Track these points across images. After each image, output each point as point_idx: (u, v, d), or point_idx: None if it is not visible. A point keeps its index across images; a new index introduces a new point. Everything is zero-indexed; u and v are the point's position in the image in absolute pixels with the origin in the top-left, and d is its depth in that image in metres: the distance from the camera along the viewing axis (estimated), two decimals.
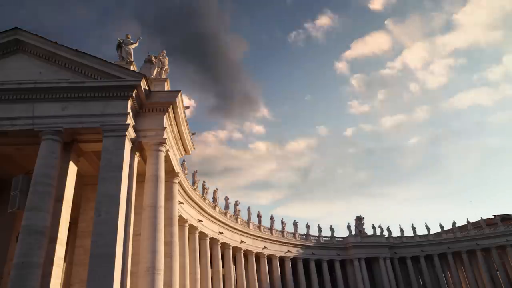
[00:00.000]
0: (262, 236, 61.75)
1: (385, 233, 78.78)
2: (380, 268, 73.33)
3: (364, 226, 78.03)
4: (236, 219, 56.34)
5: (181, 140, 26.64)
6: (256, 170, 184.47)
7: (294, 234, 70.19)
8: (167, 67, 25.14)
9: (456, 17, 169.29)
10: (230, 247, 52.69)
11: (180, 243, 33.14)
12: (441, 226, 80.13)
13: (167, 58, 25.33)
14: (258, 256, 60.02)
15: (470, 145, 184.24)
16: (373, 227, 78.60)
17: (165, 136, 21.98)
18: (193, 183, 44.02)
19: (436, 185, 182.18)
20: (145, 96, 21.50)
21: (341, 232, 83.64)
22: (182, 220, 37.07)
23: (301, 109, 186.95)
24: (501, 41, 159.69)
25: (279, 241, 65.55)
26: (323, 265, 70.93)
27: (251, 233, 59.00)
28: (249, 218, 60.82)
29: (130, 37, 23.45)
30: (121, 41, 23.02)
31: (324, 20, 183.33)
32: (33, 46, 21.24)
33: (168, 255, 22.49)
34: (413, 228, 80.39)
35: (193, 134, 27.88)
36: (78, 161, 21.67)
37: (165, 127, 22.14)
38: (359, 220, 78.74)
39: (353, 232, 76.81)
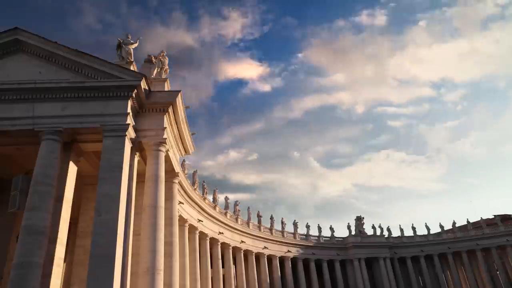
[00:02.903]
0: (262, 236, 61.74)
1: (385, 233, 78.78)
2: (380, 268, 73.30)
3: (364, 226, 78.03)
4: (236, 219, 56.32)
5: (181, 140, 26.63)
6: None
7: (294, 234, 70.16)
8: (167, 67, 25.15)
9: None
10: (230, 247, 52.67)
11: (180, 243, 33.12)
12: (441, 226, 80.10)
13: (167, 58, 25.34)
14: (258, 256, 60.00)
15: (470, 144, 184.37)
16: (373, 227, 78.66)
17: (165, 136, 21.98)
18: (193, 183, 44.02)
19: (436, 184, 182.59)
20: (145, 96, 21.50)
21: (341, 232, 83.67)
22: (182, 220, 37.05)
23: None
24: None
25: (279, 241, 65.53)
26: (323, 265, 70.90)
27: (251, 233, 58.98)
28: (249, 218, 60.81)
29: (130, 37, 23.43)
30: (121, 41, 22.99)
31: None
32: (33, 46, 21.24)
33: (168, 255, 22.49)
34: (413, 228, 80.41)
35: (193, 134, 27.88)
36: (78, 161, 21.67)
37: (165, 127, 22.14)
38: (359, 220, 78.71)
39: (353, 232, 76.78)
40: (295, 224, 71.48)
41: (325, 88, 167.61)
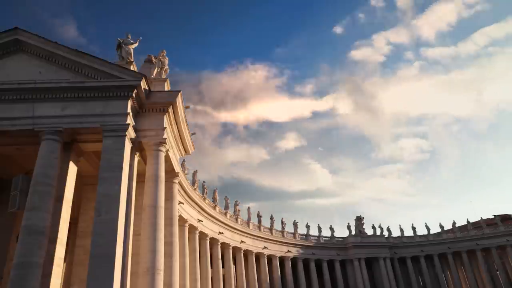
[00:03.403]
0: (262, 236, 61.73)
1: (385, 233, 78.76)
2: (380, 268, 73.30)
3: (364, 226, 78.03)
4: (236, 219, 56.32)
5: (181, 140, 26.62)
6: None
7: (294, 234, 70.14)
8: (167, 67, 25.13)
9: None
10: (230, 247, 52.67)
11: (180, 243, 33.12)
12: (441, 226, 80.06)
13: (167, 58, 25.31)
14: (258, 256, 60.00)
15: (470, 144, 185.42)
16: (373, 227, 78.66)
17: (165, 136, 21.98)
18: (193, 183, 44.02)
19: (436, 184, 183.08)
20: (145, 96, 21.49)
21: (341, 232, 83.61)
22: (182, 220, 37.05)
23: None
24: None
25: (279, 241, 65.52)
26: (323, 265, 70.90)
27: (251, 233, 58.98)
28: (249, 218, 60.81)
29: (130, 36, 23.41)
30: (121, 41, 22.97)
31: None
32: (33, 46, 21.23)
33: (168, 255, 22.48)
34: (413, 228, 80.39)
35: (193, 134, 27.87)
36: (78, 161, 21.66)
37: (165, 127, 22.13)
38: (359, 220, 78.71)
39: (353, 232, 76.78)
40: (295, 224, 71.41)
41: (329, 114, 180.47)
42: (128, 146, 19.97)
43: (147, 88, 21.61)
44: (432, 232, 79.75)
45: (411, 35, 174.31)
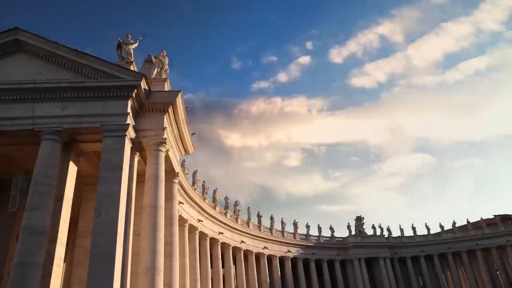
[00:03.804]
0: (262, 236, 61.74)
1: (385, 233, 78.77)
2: (380, 268, 73.31)
3: (364, 226, 78.04)
4: (236, 219, 56.33)
5: (181, 140, 26.63)
6: None
7: (294, 234, 70.14)
8: (167, 67, 25.13)
9: None
10: (230, 247, 52.68)
11: (180, 243, 33.12)
12: (441, 226, 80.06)
13: (167, 58, 25.31)
14: (258, 256, 60.00)
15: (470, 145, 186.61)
16: (373, 227, 78.64)
17: (165, 136, 21.98)
18: (193, 183, 44.02)
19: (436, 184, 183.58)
20: (145, 96, 21.50)
21: (341, 232, 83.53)
22: (182, 220, 37.06)
23: None
24: None
25: (279, 241, 65.53)
26: (323, 265, 70.90)
27: (251, 233, 58.98)
28: (249, 218, 60.81)
29: (130, 37, 23.41)
30: (121, 41, 22.97)
31: None
32: (33, 46, 21.23)
33: (168, 255, 22.48)
34: (413, 228, 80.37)
35: (193, 134, 27.87)
36: (78, 161, 21.67)
37: (165, 127, 22.14)
38: (359, 220, 78.72)
39: (353, 232, 76.79)
40: (295, 224, 71.39)
41: (336, 133, 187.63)
42: (128, 146, 19.97)
43: (147, 88, 21.61)
44: (432, 232, 79.76)
45: (404, 64, 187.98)
